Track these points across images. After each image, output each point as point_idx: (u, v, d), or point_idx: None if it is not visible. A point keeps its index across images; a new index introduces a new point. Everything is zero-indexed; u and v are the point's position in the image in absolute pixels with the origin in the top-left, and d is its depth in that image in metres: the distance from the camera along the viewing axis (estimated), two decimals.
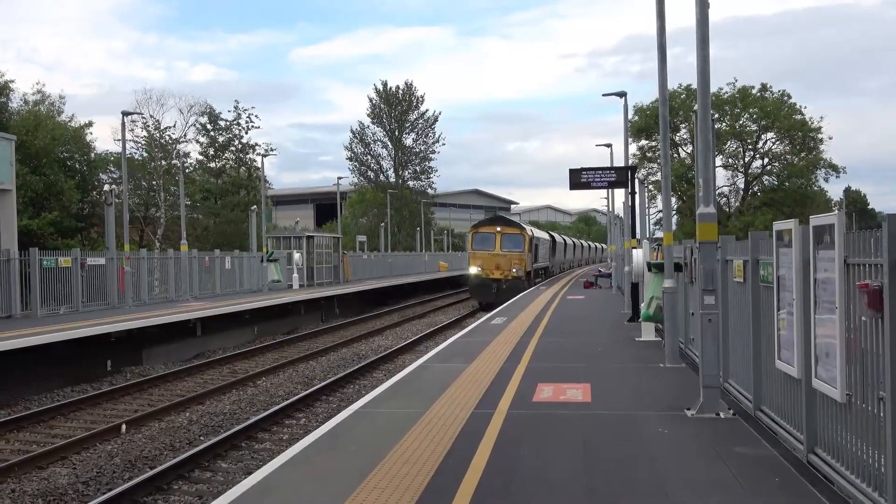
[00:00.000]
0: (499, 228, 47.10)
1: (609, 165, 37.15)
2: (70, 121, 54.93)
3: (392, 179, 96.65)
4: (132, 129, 57.58)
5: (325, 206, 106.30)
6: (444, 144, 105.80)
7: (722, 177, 70.47)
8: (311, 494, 7.70)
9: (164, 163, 60.71)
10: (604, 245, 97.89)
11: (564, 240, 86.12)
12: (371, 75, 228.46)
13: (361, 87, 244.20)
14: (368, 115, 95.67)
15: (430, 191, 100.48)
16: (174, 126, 63.73)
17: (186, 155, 64.81)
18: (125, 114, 42.71)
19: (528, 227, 53.04)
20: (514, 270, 44.77)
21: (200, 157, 69.12)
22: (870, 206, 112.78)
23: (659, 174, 43.97)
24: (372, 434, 10.03)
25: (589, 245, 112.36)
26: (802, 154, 70.56)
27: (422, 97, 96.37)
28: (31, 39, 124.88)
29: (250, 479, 8.10)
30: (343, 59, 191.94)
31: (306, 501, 7.50)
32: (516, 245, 46.36)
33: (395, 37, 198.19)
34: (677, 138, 66.77)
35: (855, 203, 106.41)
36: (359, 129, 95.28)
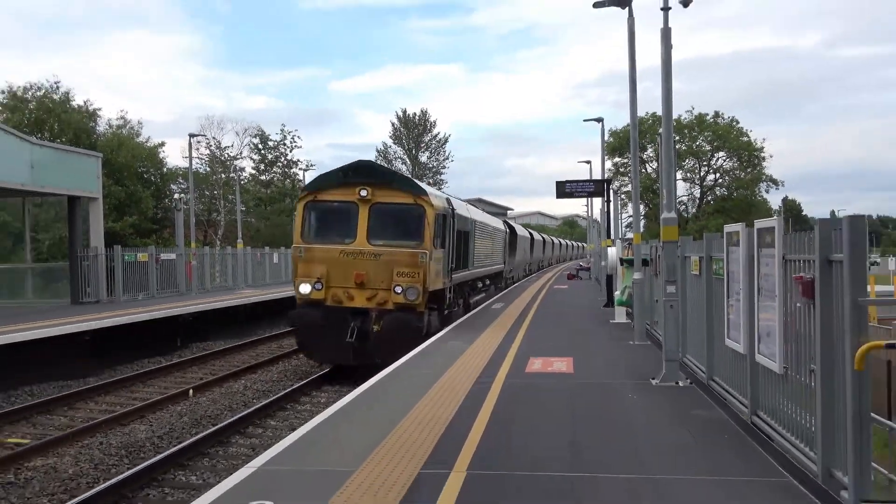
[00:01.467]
0: (365, 192, 16.86)
1: (589, 178, 37.20)
2: (146, 141, 56.29)
3: None
4: (197, 148, 59.33)
5: None
6: (452, 161, 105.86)
7: (682, 188, 70.62)
8: (350, 440, 7.65)
9: (223, 176, 62.23)
10: (584, 244, 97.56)
11: (543, 238, 69.65)
12: (394, 104, 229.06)
13: (386, 113, 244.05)
14: (391, 137, 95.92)
15: None
16: (232, 146, 66.08)
17: (242, 169, 66.31)
18: (192, 136, 44.45)
19: (436, 194, 19.98)
20: (400, 291, 16.55)
21: (253, 171, 71.32)
22: (804, 213, 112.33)
23: (630, 186, 43.90)
24: (400, 392, 10.08)
25: (572, 244, 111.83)
26: (748, 169, 70.81)
27: (434, 122, 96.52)
28: (118, 73, 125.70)
29: (295, 434, 8.14)
30: (371, 90, 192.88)
31: (345, 446, 7.45)
32: (408, 231, 17.34)
33: (416, 72, 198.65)
34: (645, 156, 66.53)
35: (791, 210, 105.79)
36: (382, 148, 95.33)
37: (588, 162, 48.76)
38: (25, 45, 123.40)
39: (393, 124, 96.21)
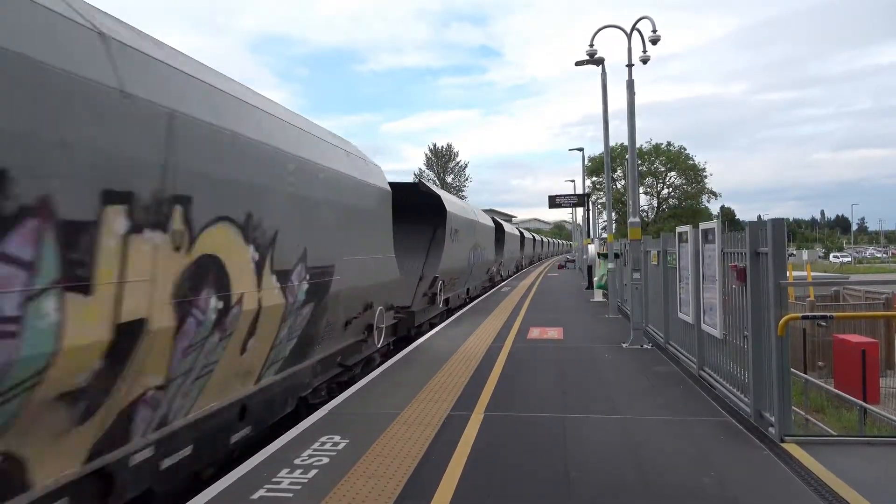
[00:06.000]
0: None
1: (573, 193, 37.00)
2: None
3: None
4: None
5: None
6: (471, 181, 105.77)
7: (643, 200, 70.15)
8: (396, 390, 7.63)
9: None
10: (570, 242, 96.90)
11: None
12: (427, 139, 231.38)
13: (421, 146, 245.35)
14: (424, 164, 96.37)
15: None
16: None
17: None
18: None
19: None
20: None
21: None
22: (737, 217, 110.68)
23: (604, 198, 43.60)
24: (431, 356, 10.00)
25: (561, 242, 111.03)
26: (693, 185, 70.26)
27: (457, 152, 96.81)
28: None
29: (355, 386, 8.12)
30: (412, 130, 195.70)
31: (393, 395, 7.41)
32: None
33: (444, 116, 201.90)
34: (615, 176, 65.92)
35: (727, 215, 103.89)
36: (418, 172, 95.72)
37: (572, 181, 49.11)
38: None
39: (426, 154, 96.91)
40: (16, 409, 3.23)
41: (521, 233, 43.74)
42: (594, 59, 15.41)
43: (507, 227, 32.12)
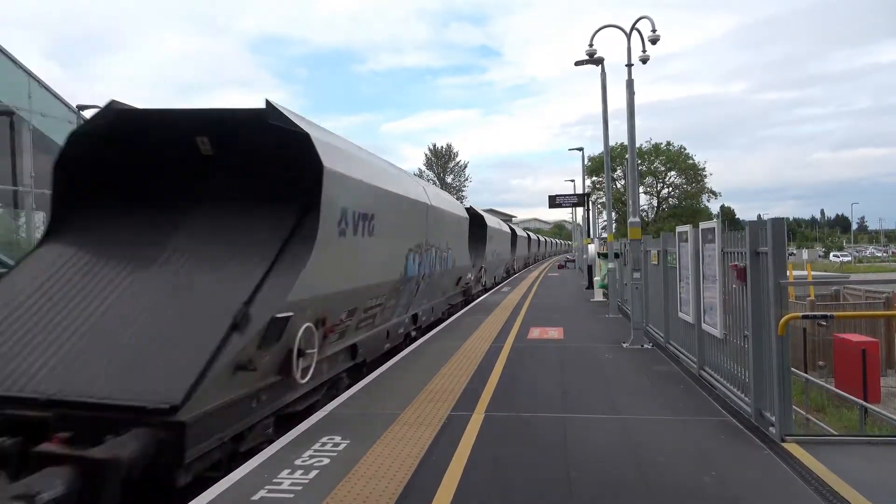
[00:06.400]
0: None
1: (573, 193, 36.98)
2: None
3: None
4: None
5: None
6: (471, 181, 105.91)
7: (643, 199, 70.14)
8: (397, 390, 7.65)
9: None
10: (570, 242, 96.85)
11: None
12: (427, 139, 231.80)
13: (421, 146, 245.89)
14: (424, 164, 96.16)
15: None
16: None
17: None
18: None
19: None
20: None
21: None
22: (737, 217, 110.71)
23: (604, 198, 43.59)
24: (433, 356, 10.01)
25: (560, 242, 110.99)
26: (693, 184, 70.23)
27: (457, 153, 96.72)
28: None
29: (356, 386, 8.11)
30: (412, 130, 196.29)
31: (395, 394, 7.41)
32: None
33: (444, 116, 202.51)
34: (615, 176, 65.90)
35: (727, 215, 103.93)
36: (418, 173, 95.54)
37: (572, 180, 48.90)
38: (167, 101, 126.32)
39: (426, 154, 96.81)
40: None
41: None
42: (594, 59, 15.41)
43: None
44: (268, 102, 6.32)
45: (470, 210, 21.01)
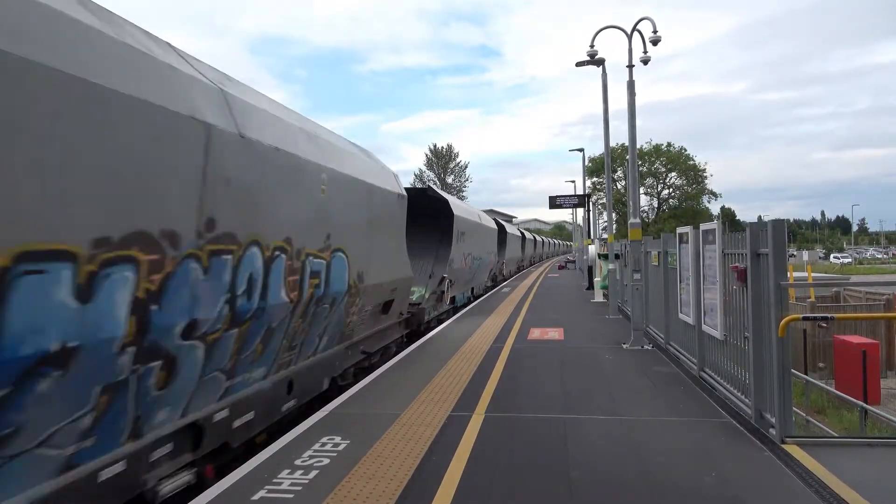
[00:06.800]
0: None
1: (574, 194, 37.01)
2: None
3: None
4: None
5: None
6: (471, 182, 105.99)
7: (644, 200, 70.20)
8: (398, 390, 7.66)
9: None
10: (570, 243, 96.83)
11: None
12: (427, 139, 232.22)
13: (421, 146, 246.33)
14: (425, 165, 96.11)
15: None
16: None
17: None
18: None
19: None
20: None
21: None
22: (737, 218, 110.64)
23: (605, 199, 43.55)
24: (433, 355, 10.04)
25: (561, 243, 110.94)
26: (693, 185, 70.23)
27: (457, 153, 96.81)
28: None
29: (357, 386, 8.11)
30: (411, 130, 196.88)
31: (394, 395, 7.45)
32: None
33: (444, 116, 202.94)
34: (616, 176, 65.94)
35: (727, 216, 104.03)
36: (418, 173, 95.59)
37: (573, 181, 49.10)
38: None
39: (426, 155, 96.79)
40: None
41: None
42: (595, 60, 15.42)
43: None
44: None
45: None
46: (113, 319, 3.84)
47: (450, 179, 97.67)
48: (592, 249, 23.71)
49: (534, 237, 61.70)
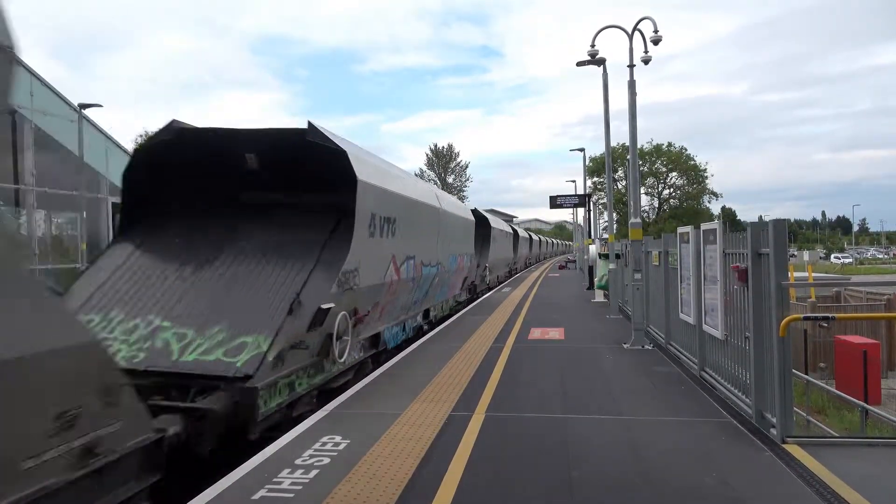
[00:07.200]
0: None
1: (574, 194, 36.99)
2: None
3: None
4: None
5: None
6: (472, 182, 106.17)
7: (644, 200, 70.16)
8: (397, 390, 7.65)
9: None
10: (571, 242, 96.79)
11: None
12: (428, 139, 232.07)
13: (422, 146, 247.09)
14: (425, 164, 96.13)
15: None
16: None
17: None
18: None
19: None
20: None
21: None
22: (738, 218, 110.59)
23: (605, 199, 43.60)
24: (434, 355, 10.02)
25: (561, 242, 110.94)
26: (694, 185, 70.22)
27: (458, 153, 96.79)
28: (229, 120, 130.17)
29: (357, 386, 8.12)
30: (412, 130, 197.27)
31: (394, 395, 7.39)
32: None
33: (444, 116, 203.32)
34: (616, 176, 65.92)
35: (728, 216, 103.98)
36: (419, 173, 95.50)
37: (573, 181, 49.16)
38: (168, 99, 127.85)
39: (427, 155, 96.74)
40: None
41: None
42: (596, 60, 15.41)
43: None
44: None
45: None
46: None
47: (450, 179, 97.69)
48: (593, 249, 23.69)
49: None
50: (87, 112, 22.02)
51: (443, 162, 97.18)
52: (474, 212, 20.89)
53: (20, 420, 3.16)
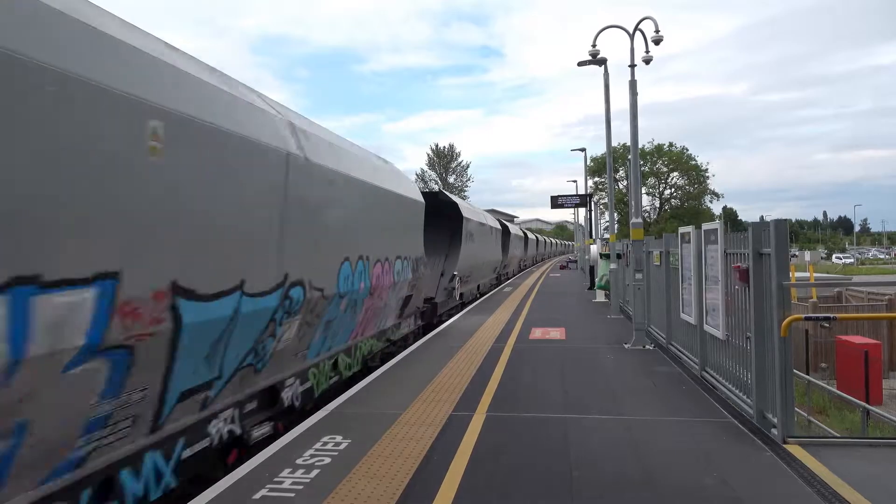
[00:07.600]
0: None
1: (575, 194, 36.98)
2: None
3: None
4: None
5: None
6: (472, 181, 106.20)
7: (646, 200, 70.17)
8: (398, 390, 7.68)
9: None
10: (572, 242, 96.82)
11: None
12: (429, 139, 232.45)
13: (422, 146, 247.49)
14: (426, 164, 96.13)
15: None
16: None
17: None
18: None
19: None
20: None
21: None
22: (739, 218, 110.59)
23: (606, 199, 43.58)
24: (435, 355, 10.04)
25: (562, 242, 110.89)
26: (695, 185, 70.20)
27: (459, 152, 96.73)
28: None
29: (358, 386, 8.13)
30: (413, 130, 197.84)
31: (394, 395, 7.46)
32: None
33: (445, 116, 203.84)
34: (617, 176, 65.89)
35: (729, 216, 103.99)
36: (420, 172, 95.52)
37: (574, 181, 49.25)
38: None
39: (428, 154, 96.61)
40: None
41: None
42: (597, 60, 15.41)
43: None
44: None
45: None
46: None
47: (451, 179, 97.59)
48: (594, 249, 23.69)
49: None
50: None
51: (444, 162, 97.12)
52: (435, 194, 15.89)
53: None
